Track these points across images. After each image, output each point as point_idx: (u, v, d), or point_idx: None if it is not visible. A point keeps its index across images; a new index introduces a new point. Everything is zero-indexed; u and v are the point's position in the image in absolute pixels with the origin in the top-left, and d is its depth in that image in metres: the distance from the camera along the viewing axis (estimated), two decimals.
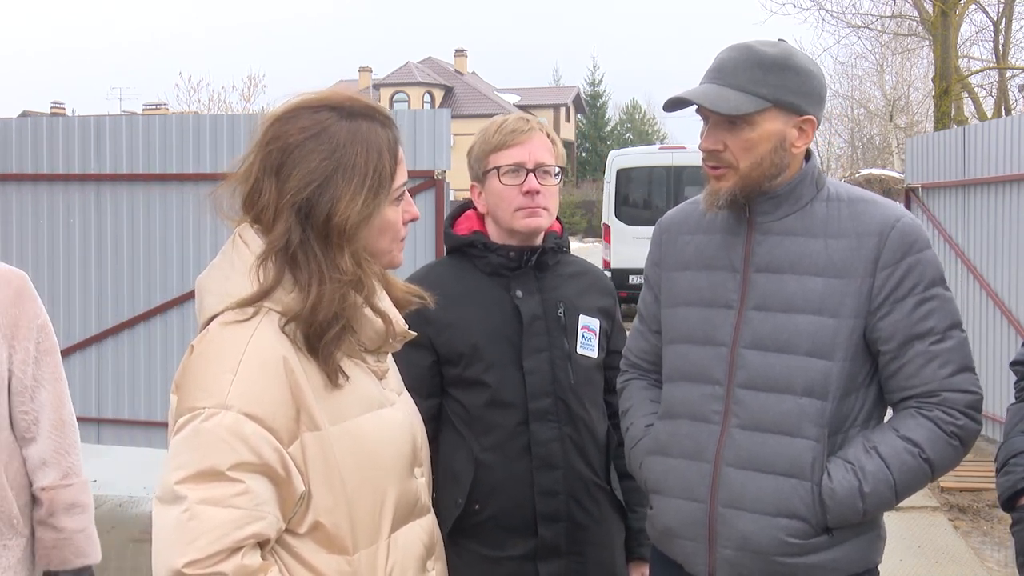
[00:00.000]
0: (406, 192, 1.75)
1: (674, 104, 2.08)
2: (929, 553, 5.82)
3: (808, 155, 2.11)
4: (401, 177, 1.72)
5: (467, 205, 2.59)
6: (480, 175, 2.48)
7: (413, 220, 1.77)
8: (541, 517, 2.38)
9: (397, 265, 1.77)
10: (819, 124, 2.09)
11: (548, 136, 2.49)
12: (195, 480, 1.48)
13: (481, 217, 2.54)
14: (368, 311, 1.66)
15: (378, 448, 1.66)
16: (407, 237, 1.81)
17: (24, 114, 30.29)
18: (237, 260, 1.64)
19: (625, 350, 2.46)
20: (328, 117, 1.64)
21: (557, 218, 2.57)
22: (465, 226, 2.55)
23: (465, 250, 2.50)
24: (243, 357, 1.54)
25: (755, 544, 2.01)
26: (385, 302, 1.73)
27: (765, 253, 2.07)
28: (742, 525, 2.02)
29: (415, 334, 1.81)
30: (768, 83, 2.00)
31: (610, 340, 2.58)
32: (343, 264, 1.61)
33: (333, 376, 1.62)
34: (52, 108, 44.80)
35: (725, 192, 2.05)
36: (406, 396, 1.83)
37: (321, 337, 1.59)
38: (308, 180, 1.60)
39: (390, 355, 1.81)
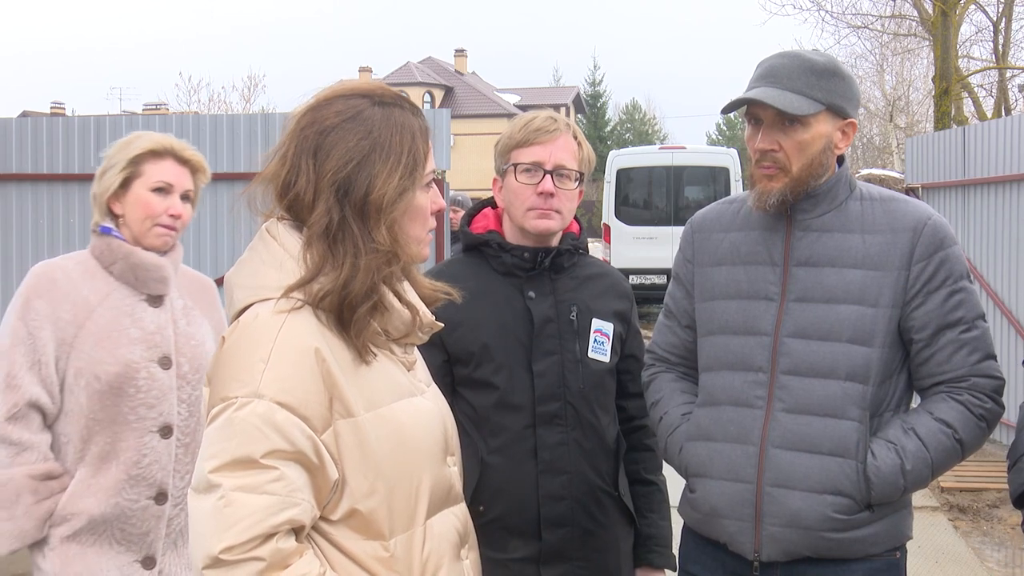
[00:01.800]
0: (433, 184, 1.78)
1: (736, 105, 2.20)
2: (929, 553, 5.82)
3: (840, 159, 2.25)
4: (431, 163, 1.75)
5: (485, 204, 2.58)
6: (501, 170, 2.47)
7: (439, 211, 1.79)
8: (545, 521, 2.37)
9: (423, 259, 1.78)
10: (858, 128, 2.24)
11: (576, 139, 2.46)
12: (229, 468, 1.51)
13: (499, 216, 2.52)
14: (395, 301, 1.68)
15: (412, 434, 1.67)
16: None
17: (24, 114, 30.31)
18: (266, 254, 1.66)
19: (651, 345, 2.48)
20: (362, 102, 1.68)
21: (576, 218, 2.56)
22: (482, 224, 2.53)
23: (481, 249, 2.48)
24: (274, 346, 1.56)
25: (803, 520, 2.12)
26: (411, 294, 1.76)
27: (805, 248, 2.19)
28: (791, 502, 2.12)
29: (442, 325, 1.82)
30: (821, 87, 2.14)
31: (625, 344, 2.55)
32: (380, 237, 1.64)
33: (364, 352, 1.64)
34: (52, 108, 44.80)
35: (777, 192, 2.17)
36: (435, 388, 1.85)
37: (354, 310, 1.61)
38: (347, 159, 1.63)
39: (417, 349, 1.83)
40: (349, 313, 1.61)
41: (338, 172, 1.63)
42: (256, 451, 1.51)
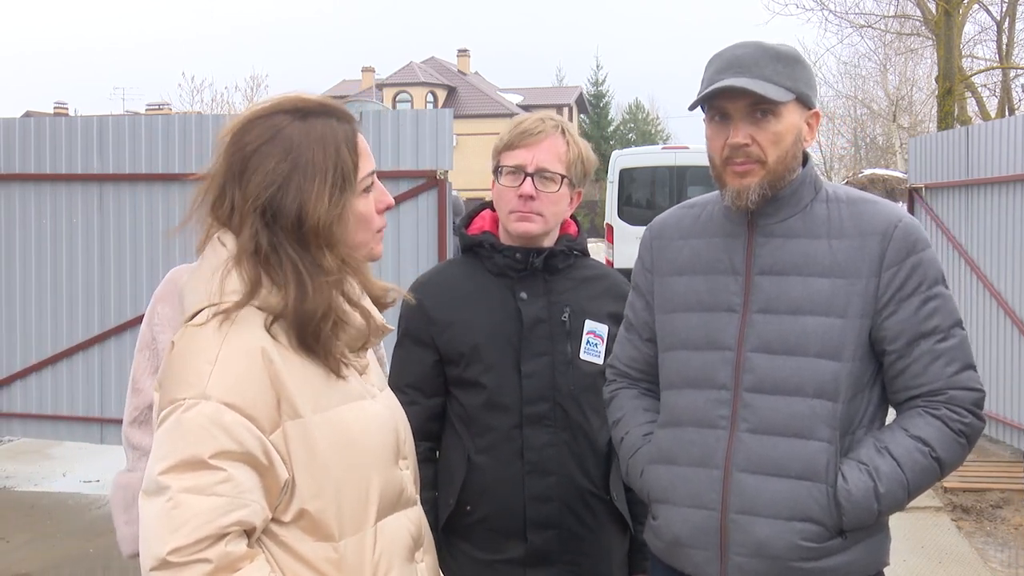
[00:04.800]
0: (376, 181, 1.76)
1: (708, 97, 2.04)
2: (932, 553, 5.82)
3: (805, 159, 2.12)
4: (365, 167, 1.73)
5: (485, 205, 2.58)
6: (493, 172, 2.47)
7: (388, 208, 1.77)
8: (531, 523, 2.35)
9: (376, 257, 1.77)
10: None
11: (565, 139, 2.42)
12: (178, 470, 1.50)
13: (495, 218, 2.52)
14: (347, 307, 1.68)
15: (360, 437, 1.67)
16: (408, 237, 1.82)
17: (27, 114, 30.32)
18: (216, 262, 1.67)
19: (612, 359, 2.37)
20: (281, 120, 1.67)
21: (574, 219, 2.54)
22: (478, 226, 2.54)
23: (476, 250, 2.49)
24: (221, 348, 1.56)
25: (771, 550, 1.99)
26: (365, 299, 1.76)
27: (768, 255, 2.06)
28: (757, 530, 2.00)
29: (392, 328, 1.81)
30: (788, 75, 2.03)
31: None
32: (327, 264, 1.64)
33: (336, 367, 1.66)
34: (55, 108, 44.79)
35: (755, 187, 2.03)
36: (388, 392, 1.85)
37: (318, 335, 1.62)
38: (268, 183, 1.63)
39: (372, 355, 1.83)
40: (313, 338, 1.62)
41: (259, 198, 1.63)
42: (204, 452, 1.50)
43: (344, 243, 1.68)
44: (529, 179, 2.38)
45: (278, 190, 1.63)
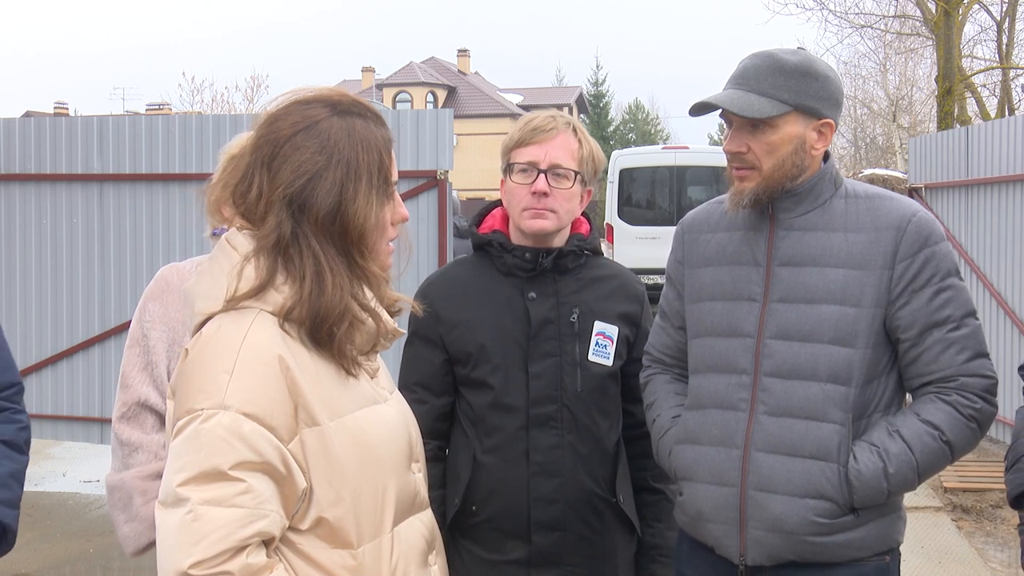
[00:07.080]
0: (395, 193, 1.76)
1: (700, 108, 2.19)
2: (932, 553, 5.82)
3: (826, 156, 2.22)
4: (395, 174, 1.73)
5: (495, 204, 2.57)
6: (503, 170, 2.46)
7: (403, 221, 1.76)
8: (535, 524, 2.35)
9: (386, 269, 1.77)
10: (837, 127, 2.20)
11: (576, 137, 2.43)
12: (197, 481, 1.49)
13: (506, 216, 2.51)
14: (358, 310, 1.67)
15: (375, 442, 1.67)
16: (409, 236, 1.81)
17: (27, 114, 30.32)
18: (226, 263, 1.65)
19: (648, 346, 2.46)
20: (319, 112, 1.66)
21: (587, 218, 2.53)
22: (489, 224, 2.53)
23: (486, 249, 2.48)
24: (238, 357, 1.54)
25: (785, 525, 2.10)
26: (373, 301, 1.75)
27: (787, 248, 2.17)
28: (772, 507, 2.11)
29: (404, 332, 1.82)
30: (789, 88, 2.12)
31: (633, 348, 2.52)
32: (369, 267, 1.65)
33: (351, 367, 1.66)
34: (55, 108, 44.76)
35: (749, 192, 2.16)
36: (398, 395, 1.84)
37: (333, 332, 1.61)
38: (299, 173, 1.61)
39: (380, 356, 1.82)
40: (327, 335, 1.61)
41: (290, 186, 1.61)
42: (223, 463, 1.49)
43: (375, 248, 1.68)
44: (542, 176, 2.37)
45: (309, 181, 1.61)
